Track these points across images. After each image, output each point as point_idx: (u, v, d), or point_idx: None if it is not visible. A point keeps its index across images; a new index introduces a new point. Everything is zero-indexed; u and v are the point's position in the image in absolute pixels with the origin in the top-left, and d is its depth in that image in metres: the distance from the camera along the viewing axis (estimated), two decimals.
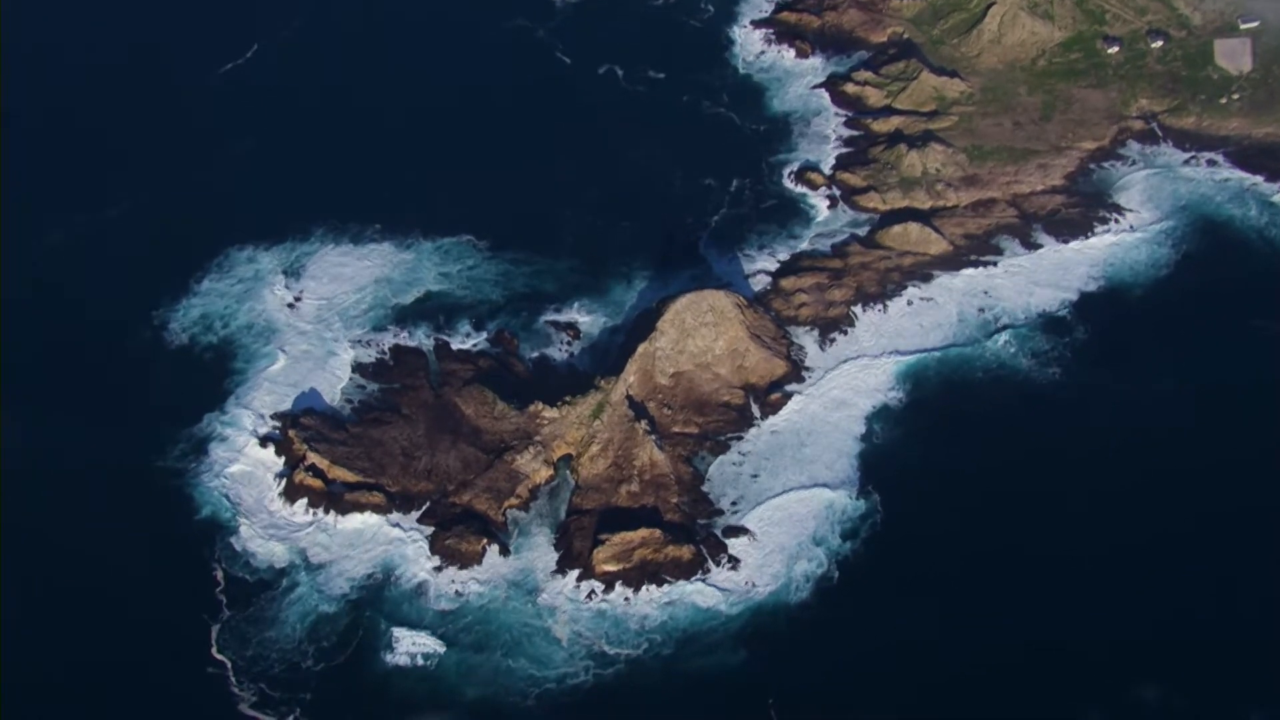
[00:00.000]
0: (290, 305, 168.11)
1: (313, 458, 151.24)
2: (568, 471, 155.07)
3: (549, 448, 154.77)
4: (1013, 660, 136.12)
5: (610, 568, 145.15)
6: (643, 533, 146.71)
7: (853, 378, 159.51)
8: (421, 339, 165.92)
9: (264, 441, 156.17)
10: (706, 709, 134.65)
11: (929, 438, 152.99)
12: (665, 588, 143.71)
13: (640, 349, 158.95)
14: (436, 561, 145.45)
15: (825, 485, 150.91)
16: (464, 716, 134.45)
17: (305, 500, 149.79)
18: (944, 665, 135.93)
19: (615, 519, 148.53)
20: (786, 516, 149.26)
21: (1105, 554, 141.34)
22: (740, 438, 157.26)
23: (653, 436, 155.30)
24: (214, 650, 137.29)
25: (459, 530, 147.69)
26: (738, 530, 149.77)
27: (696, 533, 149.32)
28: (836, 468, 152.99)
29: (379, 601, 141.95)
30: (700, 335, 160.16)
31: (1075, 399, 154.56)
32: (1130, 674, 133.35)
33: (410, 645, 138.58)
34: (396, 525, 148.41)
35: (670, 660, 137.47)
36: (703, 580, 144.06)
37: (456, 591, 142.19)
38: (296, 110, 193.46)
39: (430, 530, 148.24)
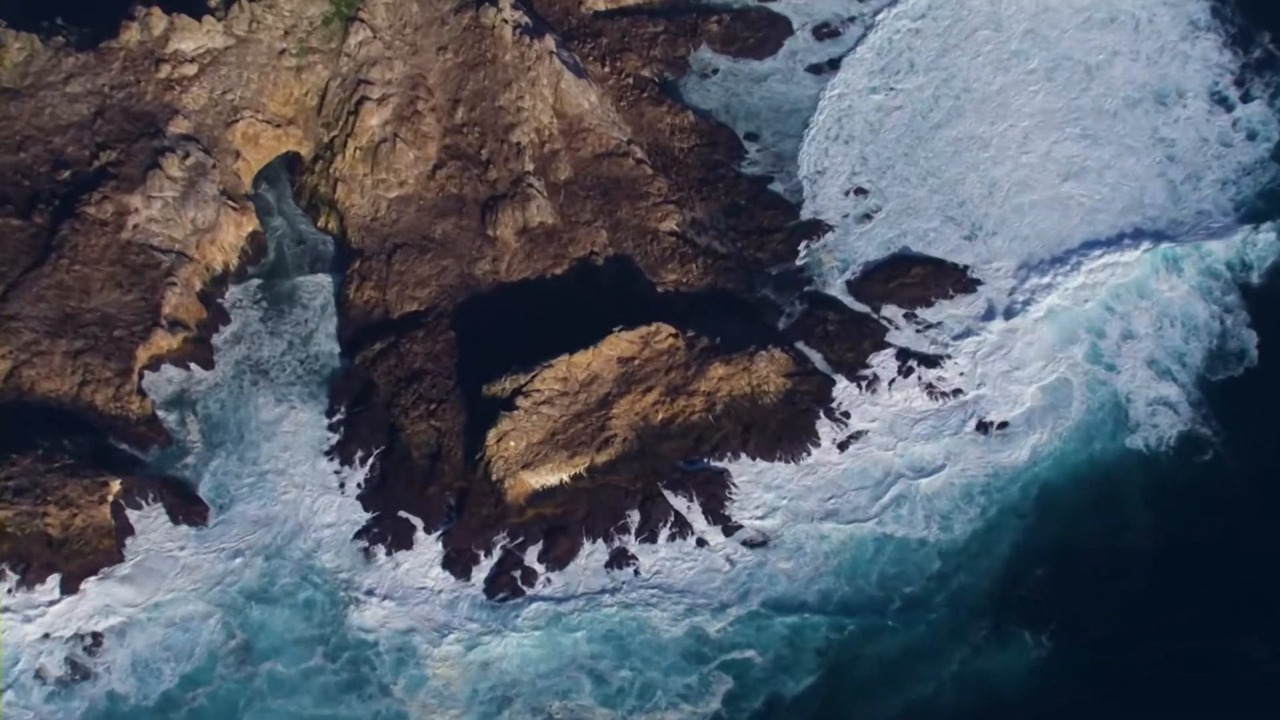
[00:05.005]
0: None
1: None
2: (300, 218, 56.47)
3: (219, 138, 53.51)
4: None
5: (549, 479, 47.47)
6: (621, 341, 48.33)
7: None
8: None
9: None
10: None
11: None
12: (752, 486, 48.69)
13: None
14: None
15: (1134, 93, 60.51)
16: None
17: None
18: None
19: (513, 331, 50.81)
20: (1037, 195, 56.40)
21: None
22: None
23: (551, 42, 54.28)
24: None
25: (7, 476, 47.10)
26: (913, 274, 54.24)
27: (779, 302, 52.90)
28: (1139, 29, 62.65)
29: None
30: None
31: None
32: None
33: None
34: None
35: (834, 689, 46.21)
36: (850, 439, 49.87)
37: (69, 663, 46.09)
38: None
39: None
